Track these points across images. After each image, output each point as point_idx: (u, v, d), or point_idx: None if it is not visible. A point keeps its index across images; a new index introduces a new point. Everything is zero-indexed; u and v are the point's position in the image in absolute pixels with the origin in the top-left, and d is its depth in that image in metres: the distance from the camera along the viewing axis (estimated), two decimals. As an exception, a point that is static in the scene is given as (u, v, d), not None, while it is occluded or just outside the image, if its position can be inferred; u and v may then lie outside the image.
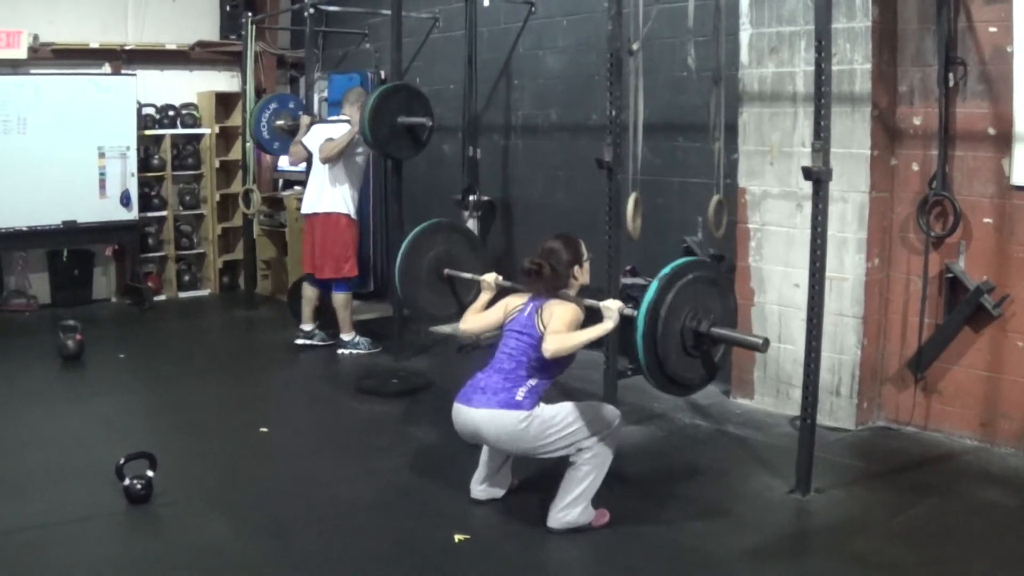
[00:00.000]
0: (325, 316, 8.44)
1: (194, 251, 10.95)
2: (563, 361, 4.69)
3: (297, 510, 5.06)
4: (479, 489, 5.06)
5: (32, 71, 9.65)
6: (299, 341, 8.37)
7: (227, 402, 7.03)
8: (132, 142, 9.98)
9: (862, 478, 5.44)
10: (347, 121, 7.97)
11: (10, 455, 5.82)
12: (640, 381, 6.95)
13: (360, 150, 8.00)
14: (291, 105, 9.18)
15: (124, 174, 9.94)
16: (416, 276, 6.22)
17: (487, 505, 5.05)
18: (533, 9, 8.44)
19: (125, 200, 9.93)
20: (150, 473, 5.10)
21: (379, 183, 9.97)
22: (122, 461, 5.08)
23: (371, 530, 4.82)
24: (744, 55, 6.57)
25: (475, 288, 5.88)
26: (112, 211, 9.92)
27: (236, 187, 10.72)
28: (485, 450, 5.05)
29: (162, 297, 10.57)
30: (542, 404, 4.65)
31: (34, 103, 9.45)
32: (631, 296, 6.15)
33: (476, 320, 5.18)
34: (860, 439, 6.07)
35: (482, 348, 8.10)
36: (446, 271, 6.24)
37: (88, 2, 10.20)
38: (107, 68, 10.27)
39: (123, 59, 10.29)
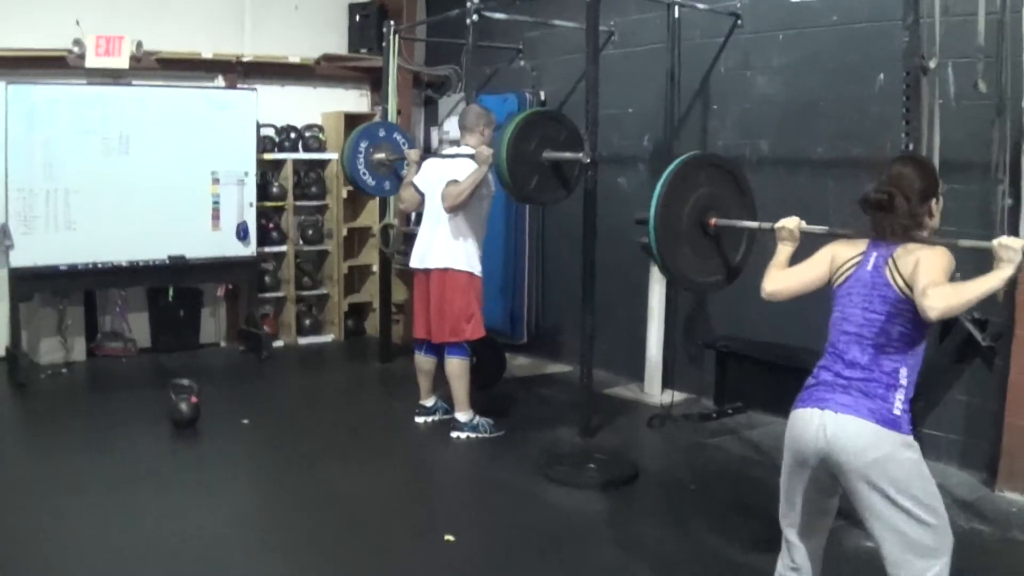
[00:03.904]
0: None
1: (316, 292, 9.86)
2: (923, 335, 3.35)
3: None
4: None
5: (135, 83, 8.59)
6: (419, 419, 6.95)
7: (390, 495, 5.69)
8: (251, 167, 8.86)
9: None
10: (469, 155, 6.47)
11: (127, 569, 4.56)
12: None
13: (485, 191, 6.53)
14: (381, 134, 7.89)
15: (241, 203, 8.80)
16: (675, 230, 4.70)
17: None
18: (739, 22, 7.19)
19: (242, 233, 8.78)
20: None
21: (535, 222, 8.95)
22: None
23: None
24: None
25: (743, 244, 4.80)
26: (226, 245, 8.79)
27: (364, 220, 9.77)
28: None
29: (280, 343, 9.43)
30: None
31: (138, 119, 8.34)
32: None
33: (787, 278, 3.76)
34: None
35: (677, 421, 6.85)
36: (714, 220, 4.74)
37: (199, 7, 9.15)
38: (220, 81, 9.23)
39: (239, 72, 9.24)
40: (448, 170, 6.51)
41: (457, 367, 6.59)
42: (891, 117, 5.93)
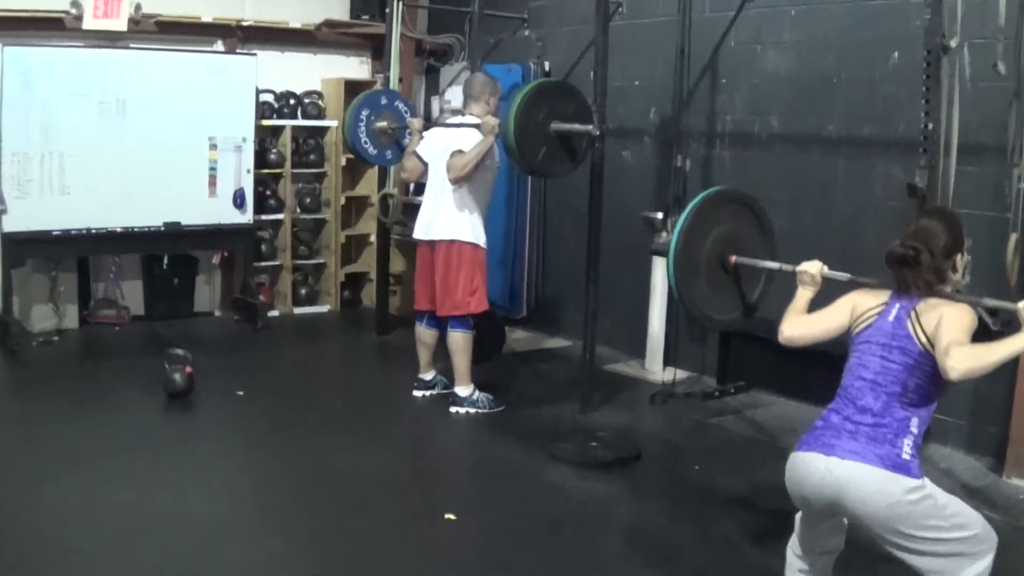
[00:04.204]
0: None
1: (313, 261, 9.69)
2: (940, 390, 3.28)
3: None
4: None
5: (132, 46, 8.39)
6: (417, 393, 6.82)
7: (388, 471, 5.56)
8: (250, 133, 8.69)
9: None
10: (475, 125, 6.31)
11: (121, 546, 4.42)
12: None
13: (490, 162, 6.37)
14: (383, 102, 7.64)
15: (239, 170, 8.64)
16: (694, 265, 4.54)
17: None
18: (752, -5, 7.02)
19: (239, 200, 8.63)
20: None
21: (537, 195, 8.82)
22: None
23: None
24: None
25: (761, 282, 4.66)
26: (223, 213, 8.63)
27: (363, 189, 9.61)
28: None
29: (275, 313, 9.27)
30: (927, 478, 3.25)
31: (136, 83, 8.16)
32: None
33: (807, 324, 3.68)
34: None
35: (680, 399, 6.75)
36: (734, 258, 4.61)
37: (198, -31, 8.98)
38: (220, 46, 9.04)
39: (238, 37, 9.05)
40: (453, 140, 6.36)
41: (460, 340, 6.46)
42: (904, 96, 5.84)
